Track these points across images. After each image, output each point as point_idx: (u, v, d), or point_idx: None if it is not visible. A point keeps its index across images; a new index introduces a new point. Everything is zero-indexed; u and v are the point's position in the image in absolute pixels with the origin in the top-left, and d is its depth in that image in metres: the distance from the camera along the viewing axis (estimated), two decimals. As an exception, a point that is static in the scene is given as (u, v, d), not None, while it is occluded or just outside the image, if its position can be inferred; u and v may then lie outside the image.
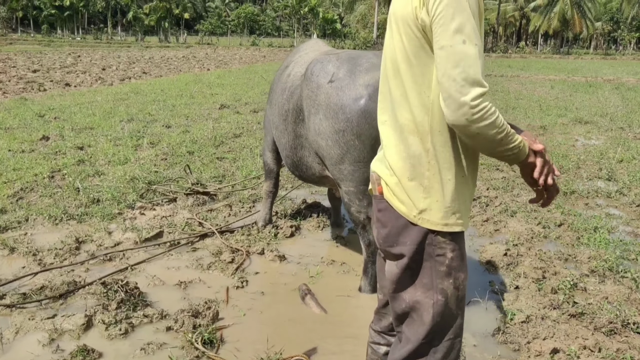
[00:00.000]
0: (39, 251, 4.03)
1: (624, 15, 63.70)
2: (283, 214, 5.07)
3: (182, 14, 75.25)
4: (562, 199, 5.73)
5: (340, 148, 3.11)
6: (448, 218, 1.66)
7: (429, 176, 1.64)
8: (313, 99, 3.23)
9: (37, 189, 5.49)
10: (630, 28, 66.99)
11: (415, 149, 1.65)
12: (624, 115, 11.80)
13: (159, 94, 13.61)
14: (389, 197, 1.72)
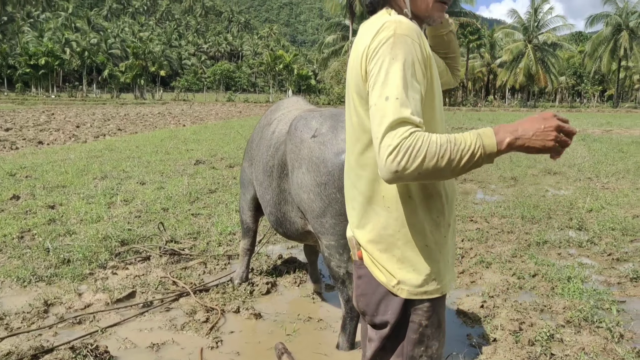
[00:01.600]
0: (5, 315, 3.88)
1: (586, 69, 66.63)
2: (259, 271, 5.02)
3: (158, 71, 76.26)
4: (535, 249, 5.80)
5: (322, 201, 3.14)
6: (427, 285, 1.60)
7: (401, 246, 1.58)
8: (296, 153, 3.29)
9: (5, 250, 5.35)
10: (593, 82, 70.03)
11: (383, 219, 1.59)
12: (591, 165, 12.16)
13: (133, 151, 13.58)
14: (369, 264, 1.65)
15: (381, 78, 1.43)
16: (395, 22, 1.50)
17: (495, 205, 7.92)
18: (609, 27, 57.55)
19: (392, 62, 1.44)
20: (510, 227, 6.70)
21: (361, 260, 1.69)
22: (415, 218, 1.58)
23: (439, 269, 1.62)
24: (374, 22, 1.58)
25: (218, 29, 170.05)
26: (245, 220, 4.53)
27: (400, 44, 1.46)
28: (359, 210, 1.67)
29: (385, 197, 1.58)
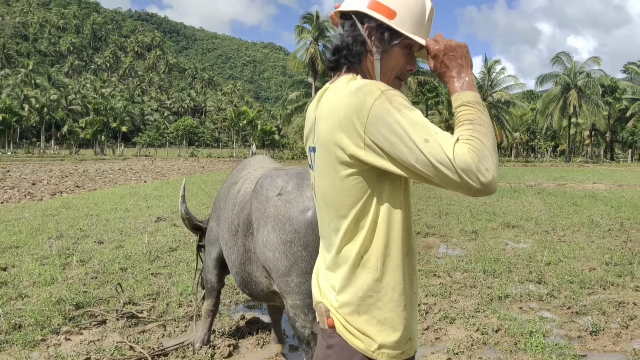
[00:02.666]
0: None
1: (538, 126, 69.57)
2: (221, 332, 4.88)
3: (120, 127, 75.75)
4: (498, 303, 5.85)
5: (288, 259, 3.11)
6: (405, 345, 1.58)
7: (381, 307, 1.56)
8: (262, 211, 3.28)
9: (-50, 316, 5.06)
10: (546, 137, 72.97)
11: (362, 281, 1.57)
12: (547, 219, 12.50)
13: (92, 208, 13.27)
14: (342, 332, 1.59)
15: (404, 132, 1.43)
16: (371, 82, 1.52)
17: (457, 260, 8.00)
18: (558, 86, 60.65)
19: (402, 112, 1.45)
20: (472, 281, 6.76)
21: (332, 329, 1.61)
22: (394, 277, 1.57)
23: (412, 327, 1.62)
24: (343, 89, 1.57)
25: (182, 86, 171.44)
26: (210, 279, 4.44)
27: (396, 97, 1.49)
28: (333, 274, 1.63)
29: (365, 258, 1.57)
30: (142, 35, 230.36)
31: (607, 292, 6.35)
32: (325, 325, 1.63)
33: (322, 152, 1.61)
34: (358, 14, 1.65)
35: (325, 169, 1.61)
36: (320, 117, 1.62)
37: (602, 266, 7.59)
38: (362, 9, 1.63)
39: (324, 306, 1.65)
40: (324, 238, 1.70)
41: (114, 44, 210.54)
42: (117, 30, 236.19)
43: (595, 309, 5.65)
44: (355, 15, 1.65)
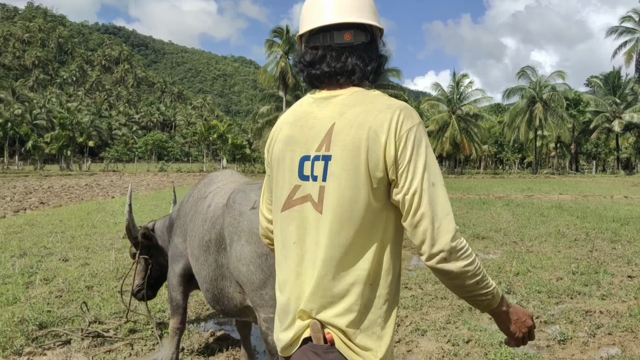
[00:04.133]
0: None
1: (506, 138, 71.01)
2: (190, 350, 4.78)
3: (87, 142, 74.43)
4: (468, 314, 5.89)
5: (263, 272, 3.08)
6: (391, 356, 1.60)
7: (381, 323, 1.57)
8: (235, 226, 3.24)
9: None
10: (513, 150, 74.52)
11: (366, 298, 1.56)
12: (516, 229, 12.70)
13: (57, 225, 12.95)
14: (341, 347, 1.54)
15: (421, 162, 1.54)
16: (410, 108, 1.63)
17: (428, 272, 8.04)
18: (524, 100, 62.08)
19: (427, 149, 1.57)
20: (443, 292, 6.80)
21: (331, 345, 1.56)
22: (394, 294, 1.61)
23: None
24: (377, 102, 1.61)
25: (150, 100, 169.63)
26: (175, 297, 4.35)
27: (425, 133, 1.62)
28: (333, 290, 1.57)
29: (373, 276, 1.57)
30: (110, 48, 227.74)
31: (574, 301, 6.46)
32: (321, 341, 1.57)
33: (344, 162, 1.56)
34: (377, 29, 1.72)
35: (349, 180, 1.55)
36: (348, 125, 1.58)
37: (569, 275, 7.73)
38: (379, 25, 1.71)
39: (320, 322, 1.59)
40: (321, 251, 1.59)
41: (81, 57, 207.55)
42: (84, 44, 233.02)
43: (563, 318, 5.74)
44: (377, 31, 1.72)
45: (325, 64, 1.65)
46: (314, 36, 1.69)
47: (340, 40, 1.65)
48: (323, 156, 1.60)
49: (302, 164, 1.64)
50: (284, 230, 1.69)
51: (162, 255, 4.87)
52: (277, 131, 1.74)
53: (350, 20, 1.64)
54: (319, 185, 1.60)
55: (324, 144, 1.61)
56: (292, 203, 1.66)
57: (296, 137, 1.67)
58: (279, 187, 1.70)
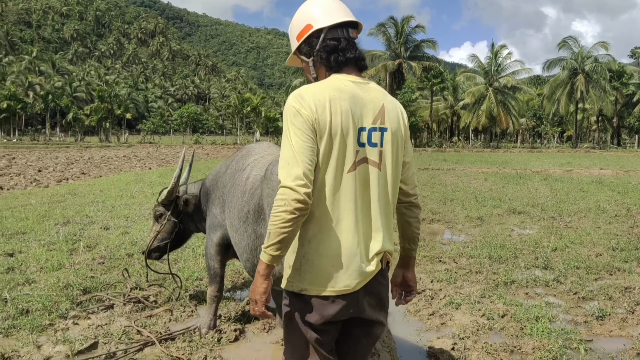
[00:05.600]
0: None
1: (545, 111, 69.13)
2: (227, 317, 4.90)
3: (124, 114, 75.71)
4: (503, 289, 5.85)
5: None
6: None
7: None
8: (274, 197, 3.28)
9: None
10: (552, 123, 72.55)
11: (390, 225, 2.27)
12: (554, 204, 12.45)
13: (97, 195, 13.32)
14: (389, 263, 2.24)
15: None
16: None
17: (462, 246, 7.99)
18: (565, 71, 60.15)
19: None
20: (478, 267, 6.76)
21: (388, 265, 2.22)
22: None
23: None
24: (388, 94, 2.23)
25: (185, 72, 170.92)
26: (213, 265, 4.45)
27: None
28: (388, 232, 2.16)
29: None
30: (146, 21, 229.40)
31: (613, 277, 6.34)
32: (384, 265, 2.18)
33: (393, 133, 2.15)
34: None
35: (397, 145, 2.17)
36: (392, 108, 2.18)
37: (609, 252, 7.57)
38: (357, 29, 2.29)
39: (385, 251, 2.14)
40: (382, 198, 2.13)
41: (117, 30, 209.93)
42: (120, 17, 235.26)
43: (601, 294, 5.64)
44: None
45: (349, 52, 2.15)
46: (332, 30, 2.16)
47: (351, 35, 2.19)
48: (380, 128, 2.11)
49: (359, 133, 2.07)
50: (349, 188, 2.05)
51: (192, 221, 4.99)
52: (331, 103, 2.02)
53: (355, 20, 2.21)
54: (378, 150, 2.11)
55: (379, 118, 2.11)
56: (357, 164, 2.06)
57: (355, 111, 2.06)
58: (340, 152, 2.02)
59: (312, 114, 1.98)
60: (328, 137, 1.99)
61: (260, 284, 2.02)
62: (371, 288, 2.11)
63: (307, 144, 1.97)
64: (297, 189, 1.91)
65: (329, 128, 1.99)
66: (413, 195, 2.32)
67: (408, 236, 2.36)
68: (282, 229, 1.94)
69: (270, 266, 2.01)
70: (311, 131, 1.98)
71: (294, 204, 1.92)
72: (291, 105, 2.02)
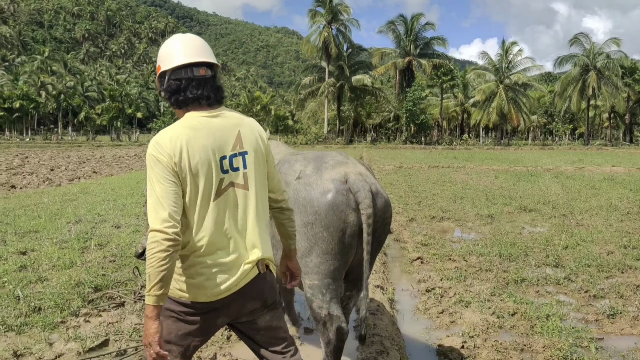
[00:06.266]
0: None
1: (556, 108, 68.51)
2: (236, 315, 4.92)
3: (135, 113, 76.07)
4: (514, 287, 5.82)
5: (309, 240, 3.14)
6: None
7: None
8: None
9: (-27, 298, 5.17)
10: (564, 120, 71.91)
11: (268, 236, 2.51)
12: (565, 202, 12.36)
13: (109, 194, 13.41)
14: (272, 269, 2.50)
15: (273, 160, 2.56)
16: None
17: (472, 244, 7.96)
18: (577, 68, 59.57)
19: None
20: (488, 265, 6.73)
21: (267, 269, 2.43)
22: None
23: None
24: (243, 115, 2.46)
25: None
26: None
27: None
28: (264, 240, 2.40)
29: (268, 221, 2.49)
30: (156, 21, 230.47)
31: (625, 275, 6.29)
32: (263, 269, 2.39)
33: (255, 154, 2.38)
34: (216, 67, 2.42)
35: (260, 164, 2.41)
36: (248, 131, 2.39)
37: (621, 250, 7.51)
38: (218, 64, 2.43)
39: (263, 258, 2.38)
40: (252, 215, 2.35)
41: (128, 30, 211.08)
42: (131, 17, 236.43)
43: (613, 292, 5.60)
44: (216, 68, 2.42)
45: (191, 91, 2.28)
46: (176, 71, 2.30)
47: (196, 74, 2.29)
48: (240, 153, 2.33)
49: (221, 162, 2.27)
50: (219, 212, 2.26)
51: None
52: (187, 144, 2.21)
53: (204, 59, 2.33)
54: (242, 172, 2.33)
55: (237, 144, 2.33)
56: (222, 191, 2.27)
57: (213, 145, 2.26)
58: (206, 185, 2.23)
59: (171, 160, 2.17)
60: (191, 176, 2.20)
61: (150, 325, 2.09)
62: (250, 292, 2.35)
63: (170, 188, 2.15)
64: (165, 230, 2.09)
65: (188, 168, 2.19)
66: (282, 200, 2.59)
67: (285, 234, 2.68)
68: (160, 268, 2.08)
69: (157, 307, 2.10)
70: (172, 175, 2.16)
71: (165, 243, 2.08)
72: (151, 153, 2.20)
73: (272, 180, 2.53)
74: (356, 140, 63.56)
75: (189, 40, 2.39)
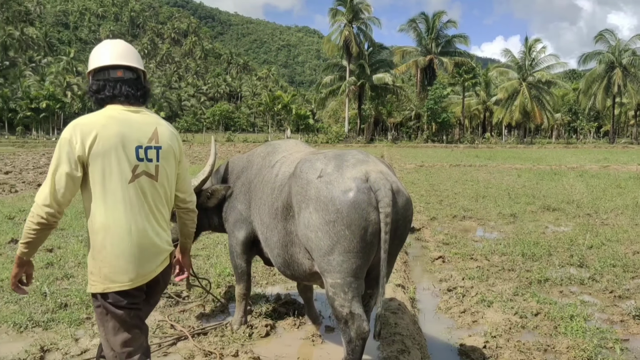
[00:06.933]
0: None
1: (581, 106, 67.38)
2: (258, 312, 4.96)
3: (158, 113, 76.93)
4: (537, 287, 5.76)
5: (331, 239, 3.15)
6: None
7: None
8: (303, 194, 3.32)
9: (2, 294, 5.30)
10: (589, 118, 70.71)
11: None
12: (590, 201, 12.17)
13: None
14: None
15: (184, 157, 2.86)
16: None
17: (495, 243, 7.89)
18: (602, 65, 58.49)
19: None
20: (510, 264, 6.67)
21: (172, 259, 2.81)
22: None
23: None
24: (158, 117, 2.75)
25: (217, 71, 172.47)
26: (240, 264, 4.48)
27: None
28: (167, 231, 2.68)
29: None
30: (179, 21, 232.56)
31: (652, 276, 6.17)
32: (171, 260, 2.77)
33: (168, 151, 2.64)
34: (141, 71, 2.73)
35: (170, 160, 2.67)
36: (165, 130, 2.67)
37: (647, 250, 7.36)
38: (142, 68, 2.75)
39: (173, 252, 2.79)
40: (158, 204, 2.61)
41: (151, 30, 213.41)
42: (154, 17, 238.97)
43: (638, 292, 5.51)
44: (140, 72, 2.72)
45: (109, 90, 2.56)
46: (98, 73, 2.59)
47: (113, 76, 2.58)
48: (155, 146, 2.59)
49: (137, 150, 2.52)
50: (131, 196, 2.50)
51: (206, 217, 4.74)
52: (102, 129, 2.44)
53: (121, 63, 2.60)
54: (154, 164, 2.59)
55: (153, 138, 2.58)
56: (136, 176, 2.51)
57: (129, 133, 2.51)
58: (118, 167, 2.45)
59: (83, 143, 2.40)
60: (102, 158, 2.43)
61: (14, 268, 2.56)
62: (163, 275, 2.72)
63: (67, 172, 2.39)
64: (42, 208, 2.39)
65: (101, 150, 2.42)
66: (189, 202, 2.88)
67: (184, 234, 2.97)
68: (29, 235, 2.43)
69: (20, 257, 2.52)
70: (75, 161, 2.40)
71: (37, 218, 2.39)
72: (64, 136, 2.42)
73: (184, 181, 2.82)
74: (377, 139, 63.36)
75: (112, 46, 2.67)
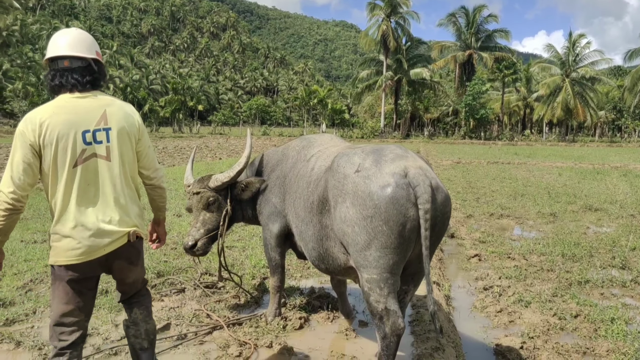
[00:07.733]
0: (44, 345, 3.96)
1: (626, 104, 65.23)
2: (292, 305, 5.00)
3: (196, 106, 78.04)
4: (577, 288, 5.62)
5: (368, 234, 3.13)
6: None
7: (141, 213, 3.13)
8: (340, 189, 3.31)
9: (47, 280, 5.48)
10: (634, 116, 68.36)
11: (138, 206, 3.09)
12: (634, 202, 11.79)
13: (171, 183, 13.85)
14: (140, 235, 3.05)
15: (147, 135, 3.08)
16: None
17: (534, 242, 7.73)
18: (649, 61, 56.42)
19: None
20: (550, 265, 6.52)
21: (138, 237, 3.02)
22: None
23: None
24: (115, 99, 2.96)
25: (254, 65, 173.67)
26: (274, 257, 4.51)
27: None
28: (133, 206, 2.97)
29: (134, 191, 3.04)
30: (217, 15, 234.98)
31: (699, 280, 5.94)
32: (134, 239, 2.97)
33: (119, 131, 2.84)
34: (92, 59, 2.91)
35: (124, 140, 2.87)
36: (116, 110, 2.88)
37: (695, 253, 7.09)
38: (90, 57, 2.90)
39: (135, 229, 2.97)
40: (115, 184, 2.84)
41: (191, 24, 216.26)
42: (194, 12, 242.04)
43: (685, 298, 5.31)
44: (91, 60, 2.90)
45: (58, 79, 2.78)
46: (52, 62, 2.81)
47: (62, 65, 2.79)
48: (104, 128, 2.80)
49: (84, 135, 2.73)
50: (79, 179, 2.72)
51: (240, 209, 4.74)
52: (51, 118, 2.66)
53: (66, 53, 2.79)
54: (105, 145, 2.80)
55: (101, 121, 2.79)
56: (82, 160, 2.73)
57: (76, 120, 2.72)
58: (65, 153, 2.67)
59: (34, 133, 2.63)
60: (51, 146, 2.65)
61: None
62: (121, 254, 2.91)
63: (23, 159, 2.62)
64: (6, 194, 2.60)
65: (50, 139, 2.64)
66: (154, 178, 3.13)
67: (155, 207, 3.29)
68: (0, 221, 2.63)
69: None
70: (31, 147, 2.63)
71: (4, 204, 2.60)
72: (19, 127, 2.66)
73: (145, 158, 3.03)
74: (413, 135, 62.79)
75: (62, 36, 2.85)
